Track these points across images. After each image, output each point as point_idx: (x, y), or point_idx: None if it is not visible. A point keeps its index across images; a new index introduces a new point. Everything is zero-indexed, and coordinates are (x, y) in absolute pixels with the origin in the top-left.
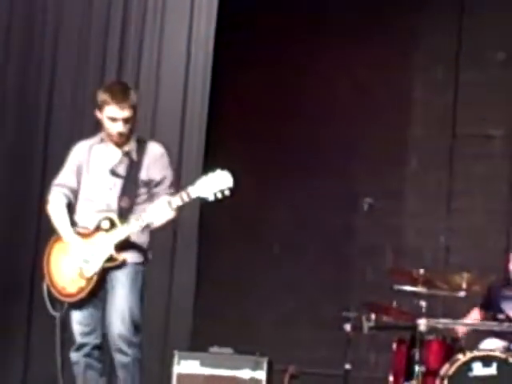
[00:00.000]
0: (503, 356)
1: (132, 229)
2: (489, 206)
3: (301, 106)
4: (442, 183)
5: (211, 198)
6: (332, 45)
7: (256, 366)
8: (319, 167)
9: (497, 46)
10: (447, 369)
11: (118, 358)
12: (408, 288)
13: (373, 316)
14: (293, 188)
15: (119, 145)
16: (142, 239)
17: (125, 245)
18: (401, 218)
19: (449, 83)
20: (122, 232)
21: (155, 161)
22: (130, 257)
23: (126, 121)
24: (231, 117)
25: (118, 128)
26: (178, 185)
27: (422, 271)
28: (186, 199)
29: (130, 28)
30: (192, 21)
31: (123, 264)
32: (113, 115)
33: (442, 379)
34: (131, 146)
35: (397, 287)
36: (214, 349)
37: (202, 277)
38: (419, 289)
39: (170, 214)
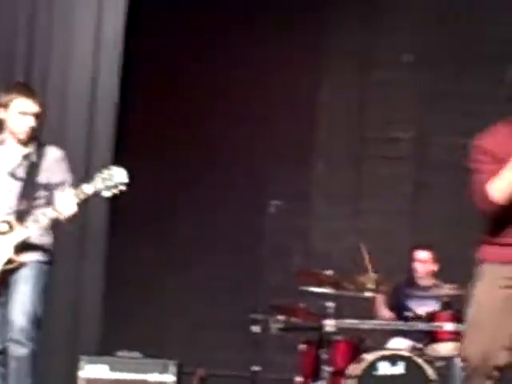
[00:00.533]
0: (409, 355)
1: (31, 231)
2: (395, 207)
3: (210, 106)
4: (349, 185)
5: (107, 194)
6: (241, 45)
7: (164, 370)
8: (228, 169)
9: (404, 48)
10: (354, 368)
11: (15, 349)
12: (315, 289)
13: (280, 317)
14: (203, 189)
15: (24, 143)
16: (45, 240)
17: (25, 246)
18: (308, 220)
19: (356, 84)
20: (20, 234)
21: (54, 164)
22: (32, 256)
23: (36, 116)
24: (141, 115)
25: (30, 123)
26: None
27: (329, 272)
28: (82, 196)
29: (37, 27)
30: (100, 18)
31: (23, 265)
32: (24, 109)
33: (349, 379)
34: (31, 149)
35: (304, 288)
36: (123, 353)
37: (111, 278)
38: (326, 290)
39: (69, 210)
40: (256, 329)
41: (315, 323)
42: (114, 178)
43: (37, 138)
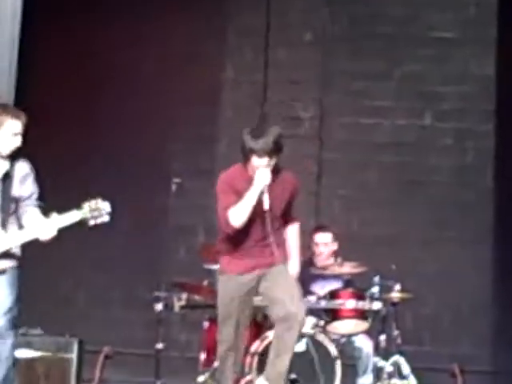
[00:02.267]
0: (311, 332)
1: (12, 243)
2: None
3: (112, 82)
4: None
5: (91, 223)
6: (144, 20)
7: (66, 347)
8: (131, 147)
9: (304, 27)
10: (257, 346)
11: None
12: (217, 266)
13: (184, 295)
14: (105, 167)
15: (4, 158)
16: (18, 248)
17: (5, 254)
18: (212, 198)
19: (258, 63)
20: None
21: (24, 178)
22: (10, 263)
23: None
24: (40, 91)
25: (18, 142)
26: None
27: None
28: (55, 227)
29: None
30: None
31: (3, 272)
32: (16, 130)
33: (253, 356)
34: (9, 164)
35: (207, 266)
36: (23, 330)
37: None
38: None
39: (50, 235)
40: (159, 307)
41: None
42: (100, 209)
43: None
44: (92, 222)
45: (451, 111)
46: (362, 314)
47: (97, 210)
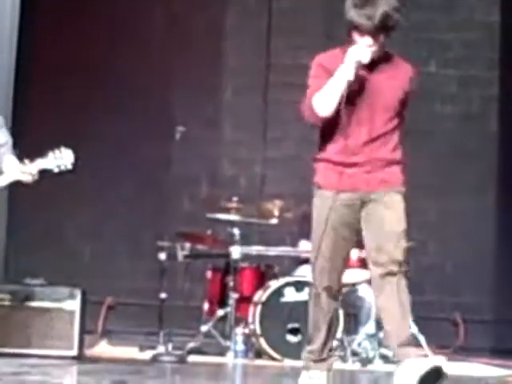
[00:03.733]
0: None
1: None
2: (303, 134)
3: (116, 36)
4: (256, 112)
5: (56, 170)
6: None
7: (69, 297)
8: (137, 97)
9: None
10: (260, 295)
11: None
12: (221, 216)
13: (187, 245)
14: (110, 118)
15: None
16: None
17: None
18: (216, 147)
19: (262, 12)
20: None
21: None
22: None
23: None
24: (48, 53)
25: None
26: None
27: (234, 200)
28: (34, 170)
29: None
30: None
31: None
32: None
33: (256, 305)
34: None
35: (211, 216)
36: (26, 280)
37: (15, 208)
38: (232, 217)
39: (18, 177)
40: (162, 256)
41: (222, 250)
42: (63, 158)
43: None
44: (56, 170)
45: (456, 59)
46: (364, 264)
47: (60, 159)
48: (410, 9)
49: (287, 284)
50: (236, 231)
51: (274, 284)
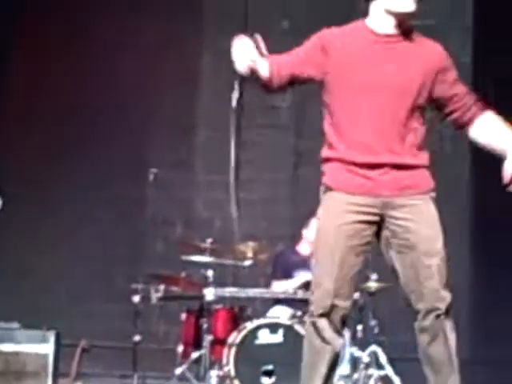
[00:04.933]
0: (289, 323)
1: None
2: (275, 175)
3: (90, 74)
4: (230, 153)
5: None
6: (122, 12)
7: (43, 340)
8: (110, 137)
9: (281, 14)
10: (235, 337)
11: None
12: (195, 258)
13: (161, 287)
14: (85, 159)
15: None
16: None
17: None
18: (190, 189)
19: None
20: None
21: None
22: None
23: None
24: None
25: None
26: None
27: (208, 241)
28: None
29: None
30: None
31: None
32: None
33: (230, 347)
34: None
35: (185, 258)
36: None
37: None
38: (206, 259)
39: None
40: (136, 298)
41: (196, 292)
42: None
43: None
44: None
45: None
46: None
47: None
48: None
49: (261, 326)
50: (210, 273)
51: (248, 326)
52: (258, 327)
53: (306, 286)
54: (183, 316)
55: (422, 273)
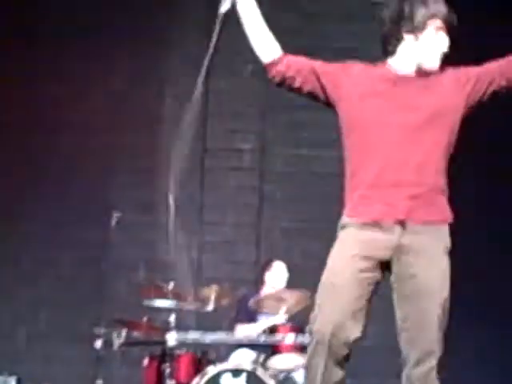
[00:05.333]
0: (251, 367)
1: None
2: (239, 218)
3: (56, 116)
4: (193, 197)
5: None
6: (88, 55)
7: None
8: (73, 180)
9: (246, 58)
10: (197, 382)
11: None
12: (157, 302)
13: (124, 332)
14: (47, 201)
15: None
16: None
17: None
18: (154, 232)
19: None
20: None
21: None
22: None
23: None
24: None
25: None
26: None
27: (171, 285)
28: None
29: None
30: None
31: None
32: None
33: None
34: None
35: (146, 302)
36: None
37: None
38: (168, 303)
39: None
40: (98, 343)
41: (158, 337)
42: None
43: None
44: None
45: None
46: (301, 349)
47: None
48: None
49: (224, 371)
50: (172, 318)
51: (210, 370)
52: (221, 372)
53: (270, 330)
54: (145, 361)
55: (420, 321)
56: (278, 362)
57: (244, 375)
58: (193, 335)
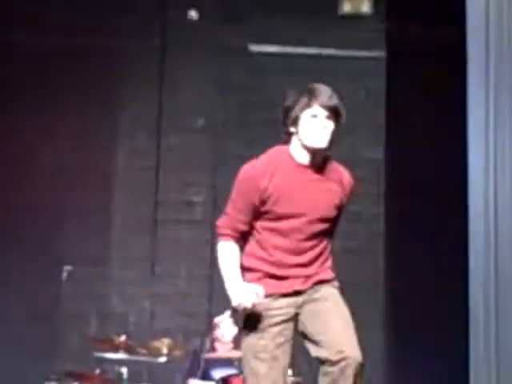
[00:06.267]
0: None
1: None
2: (192, 271)
3: (6, 173)
4: (146, 249)
5: None
6: (35, 113)
7: None
8: (23, 235)
9: (196, 112)
10: None
11: None
12: (108, 355)
13: None
14: None
15: None
16: None
17: None
18: (106, 285)
19: (151, 149)
20: None
21: None
22: None
23: None
24: None
25: None
26: None
27: (122, 338)
28: None
29: None
30: None
31: None
32: None
33: None
34: None
35: (98, 354)
36: None
37: None
38: (120, 355)
39: None
40: None
41: None
42: None
43: None
44: None
45: None
46: None
47: None
48: None
49: None
50: (124, 370)
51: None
52: None
53: (224, 381)
54: None
55: (331, 324)
56: None
57: None
58: None
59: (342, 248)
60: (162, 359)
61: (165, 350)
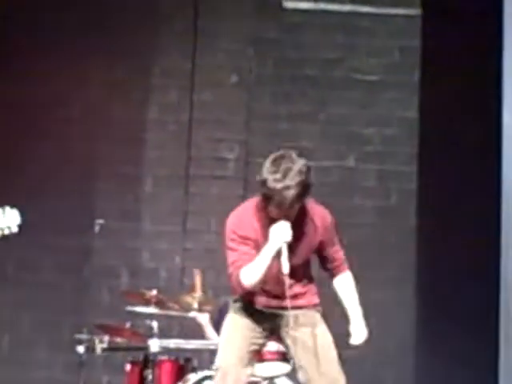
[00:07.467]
0: None
1: None
2: (223, 227)
3: (36, 124)
4: (177, 204)
5: None
6: (66, 63)
7: None
8: (54, 187)
9: (230, 68)
10: None
11: None
12: (140, 309)
13: (106, 338)
14: (28, 207)
15: None
16: None
17: None
18: (136, 239)
19: (184, 104)
20: None
21: None
22: None
23: None
24: None
25: None
26: None
27: (154, 292)
28: None
29: None
30: None
31: None
32: None
33: None
34: None
35: (130, 308)
36: None
37: None
38: (151, 309)
39: None
40: (81, 349)
41: (141, 343)
42: (8, 219)
43: None
44: None
45: (375, 153)
46: (283, 357)
47: (4, 220)
48: (330, 103)
49: (206, 377)
50: (155, 324)
51: (192, 377)
52: (203, 379)
53: None
54: (128, 367)
55: (321, 361)
56: (261, 369)
57: None
58: (175, 342)
59: (373, 208)
60: (193, 314)
61: (195, 305)
